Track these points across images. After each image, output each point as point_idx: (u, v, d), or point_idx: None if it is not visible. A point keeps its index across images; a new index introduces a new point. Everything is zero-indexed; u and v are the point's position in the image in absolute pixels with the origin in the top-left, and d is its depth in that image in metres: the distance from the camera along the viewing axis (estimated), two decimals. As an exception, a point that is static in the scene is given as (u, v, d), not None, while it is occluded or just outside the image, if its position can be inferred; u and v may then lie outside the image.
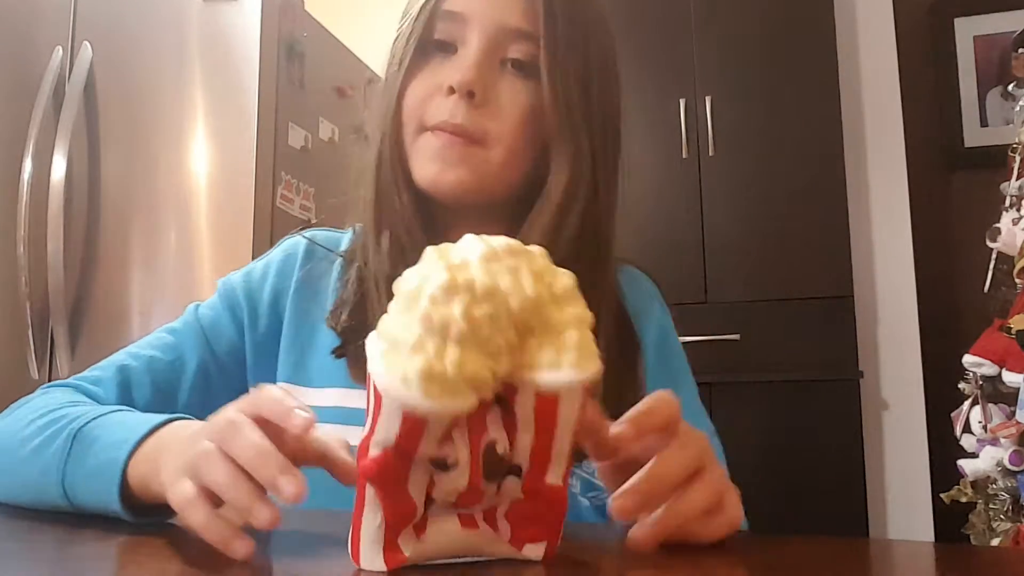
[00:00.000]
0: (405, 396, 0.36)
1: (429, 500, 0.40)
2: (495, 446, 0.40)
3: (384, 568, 0.39)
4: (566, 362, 0.38)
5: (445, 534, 0.41)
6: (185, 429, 0.49)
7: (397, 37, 0.69)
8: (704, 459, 0.45)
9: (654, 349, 0.73)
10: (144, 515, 0.49)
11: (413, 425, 0.37)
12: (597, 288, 0.65)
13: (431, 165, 0.66)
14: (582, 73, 0.66)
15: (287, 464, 0.40)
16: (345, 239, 0.75)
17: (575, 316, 0.40)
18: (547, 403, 0.39)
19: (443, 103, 0.65)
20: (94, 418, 0.55)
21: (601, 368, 0.39)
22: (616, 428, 0.43)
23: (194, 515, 0.41)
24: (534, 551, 0.42)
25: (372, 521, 0.39)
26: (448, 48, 0.67)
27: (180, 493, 0.42)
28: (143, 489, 0.49)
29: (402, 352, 0.37)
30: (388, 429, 0.37)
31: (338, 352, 0.66)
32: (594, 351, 0.40)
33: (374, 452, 0.38)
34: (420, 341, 0.36)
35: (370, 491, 0.39)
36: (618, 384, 0.64)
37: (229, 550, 0.40)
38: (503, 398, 0.40)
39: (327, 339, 0.68)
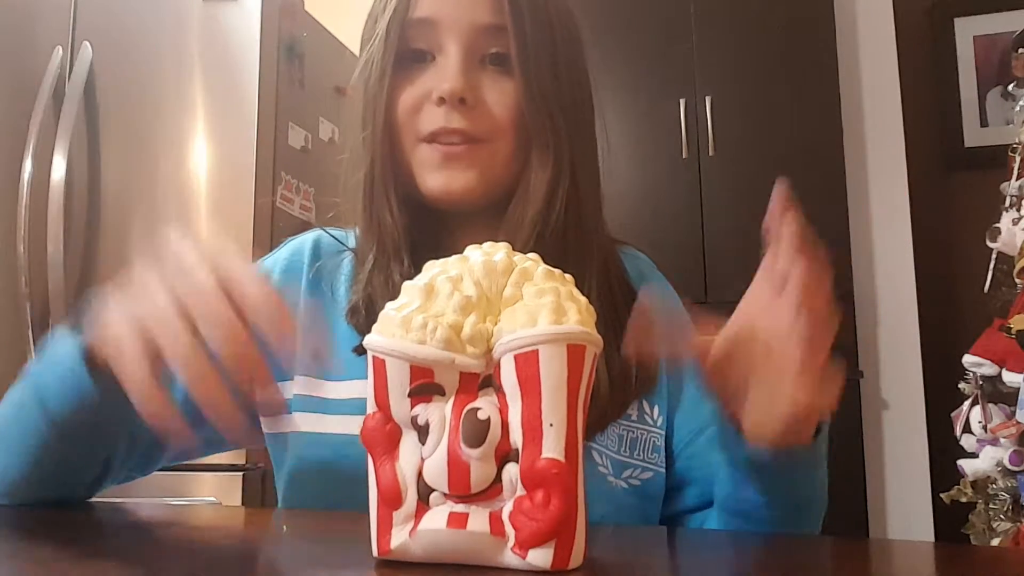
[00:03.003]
0: (368, 340, 0.39)
1: (427, 490, 0.38)
2: (477, 412, 0.38)
3: (374, 553, 0.38)
4: (542, 319, 0.38)
5: (432, 531, 0.37)
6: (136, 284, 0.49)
7: (369, 55, 0.68)
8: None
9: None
10: (111, 382, 0.49)
11: (378, 369, 0.39)
12: (584, 269, 0.66)
13: (438, 175, 0.66)
14: (551, 61, 0.67)
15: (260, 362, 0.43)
16: (352, 236, 0.75)
17: (551, 287, 0.40)
18: (527, 362, 0.38)
19: (435, 112, 0.65)
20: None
21: (588, 330, 0.38)
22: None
23: (124, 364, 0.43)
24: (540, 557, 0.36)
25: (373, 500, 0.39)
26: (424, 56, 0.67)
27: (125, 348, 0.43)
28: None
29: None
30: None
31: (359, 350, 0.66)
32: (581, 314, 0.39)
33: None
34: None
35: (371, 465, 0.39)
36: (619, 344, 0.66)
37: (163, 426, 0.42)
38: (493, 381, 0.39)
39: (345, 333, 0.68)
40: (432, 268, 0.42)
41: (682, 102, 2.34)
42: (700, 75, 2.35)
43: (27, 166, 1.80)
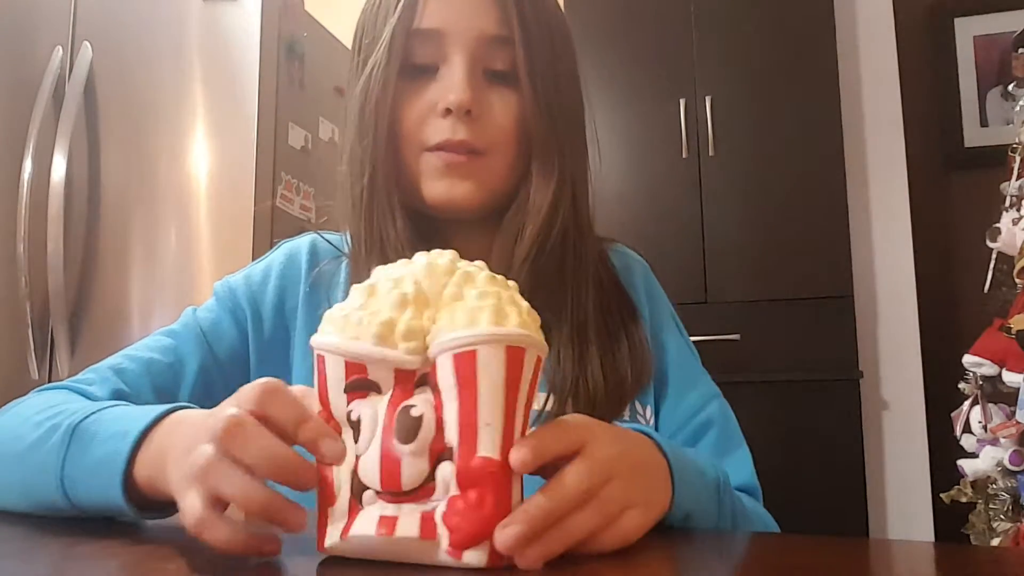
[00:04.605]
0: (312, 339, 0.40)
1: (360, 488, 0.38)
2: (410, 409, 0.38)
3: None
4: (483, 320, 0.38)
5: (361, 538, 0.38)
6: (186, 422, 0.47)
7: (372, 64, 0.66)
8: (610, 473, 0.42)
9: (647, 315, 0.74)
10: (150, 511, 0.47)
11: (320, 366, 0.40)
12: (581, 278, 0.67)
13: (441, 183, 0.66)
14: (553, 73, 0.67)
15: (308, 466, 0.39)
16: (345, 242, 0.75)
17: (494, 291, 0.40)
18: (465, 362, 0.37)
19: (440, 123, 0.65)
20: (93, 412, 0.52)
21: (529, 333, 0.38)
22: (516, 453, 0.38)
23: (213, 534, 0.39)
24: (475, 557, 0.37)
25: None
26: (429, 67, 0.66)
27: (191, 510, 0.39)
28: (150, 486, 0.46)
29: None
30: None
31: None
32: (523, 318, 0.39)
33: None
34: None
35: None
36: (614, 348, 0.66)
37: (262, 555, 0.40)
38: (429, 380, 0.39)
39: None
40: (379, 271, 0.43)
41: (682, 102, 2.34)
42: (700, 75, 2.35)
43: (27, 166, 1.80)
